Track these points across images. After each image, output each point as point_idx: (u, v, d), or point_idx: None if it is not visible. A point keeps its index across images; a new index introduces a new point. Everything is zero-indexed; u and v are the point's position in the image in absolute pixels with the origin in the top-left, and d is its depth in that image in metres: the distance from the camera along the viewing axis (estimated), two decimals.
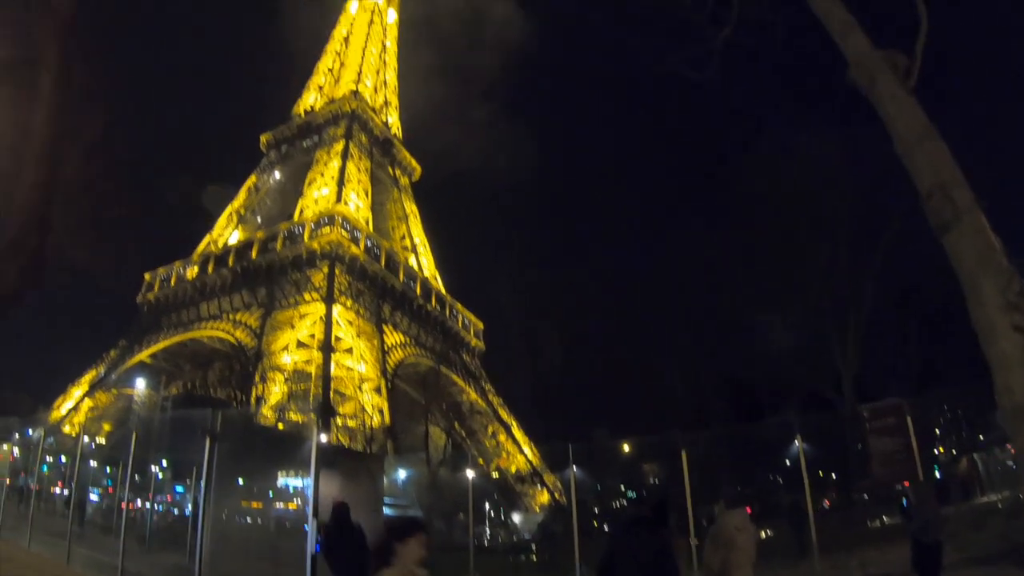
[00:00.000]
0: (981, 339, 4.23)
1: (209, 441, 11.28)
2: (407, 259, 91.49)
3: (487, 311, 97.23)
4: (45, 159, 7.46)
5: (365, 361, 73.70)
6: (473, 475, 27.18)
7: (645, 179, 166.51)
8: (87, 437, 42.43)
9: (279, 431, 56.13)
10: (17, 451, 26.06)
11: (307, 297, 75.05)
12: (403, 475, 40.29)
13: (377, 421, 66.25)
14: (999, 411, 4.27)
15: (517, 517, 67.64)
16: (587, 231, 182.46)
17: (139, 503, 26.87)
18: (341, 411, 67.96)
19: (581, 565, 14.05)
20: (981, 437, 28.05)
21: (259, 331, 73.47)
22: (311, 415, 58.33)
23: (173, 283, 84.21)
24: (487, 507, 57.25)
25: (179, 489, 40.36)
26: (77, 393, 76.28)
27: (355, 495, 12.01)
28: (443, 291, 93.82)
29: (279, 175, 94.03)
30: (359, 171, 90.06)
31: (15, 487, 23.89)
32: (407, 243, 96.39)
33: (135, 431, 21.11)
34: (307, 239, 77.52)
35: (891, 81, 5.01)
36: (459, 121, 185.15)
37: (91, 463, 35.60)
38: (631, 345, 53.55)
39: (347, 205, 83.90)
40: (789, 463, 29.74)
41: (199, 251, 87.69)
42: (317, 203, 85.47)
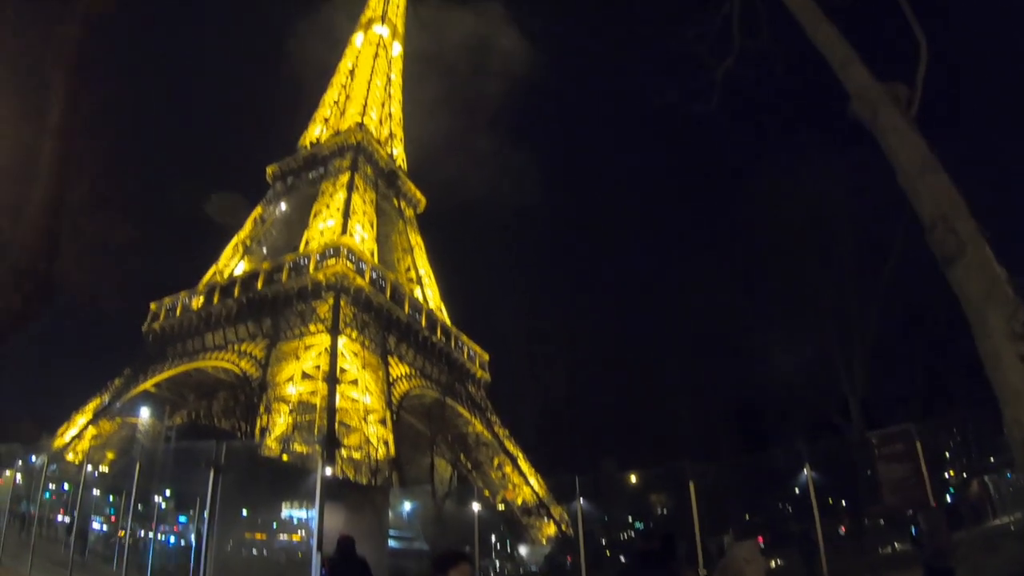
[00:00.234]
0: (988, 369, 4.22)
1: (213, 473, 11.27)
2: (412, 291, 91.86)
3: (492, 342, 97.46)
4: (53, 185, 7.48)
5: (370, 392, 73.47)
6: (479, 507, 26.88)
7: (650, 204, 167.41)
8: (90, 465, 42.09)
9: (283, 463, 55.61)
10: (20, 478, 25.89)
11: (312, 328, 75.13)
12: (408, 507, 39.87)
13: (382, 453, 65.74)
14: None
15: (524, 549, 66.81)
16: (592, 259, 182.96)
17: (141, 533, 26.59)
18: (346, 443, 67.58)
19: None
20: (992, 459, 27.67)
21: (264, 362, 73.35)
22: (316, 447, 57.89)
23: (179, 313, 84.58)
24: (493, 539, 56.52)
25: (182, 519, 39.96)
26: (81, 421, 76.07)
27: (360, 528, 11.94)
28: (448, 322, 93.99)
29: (285, 206, 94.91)
30: (364, 203, 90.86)
31: (17, 514, 23.68)
32: (412, 275, 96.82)
33: (139, 460, 20.95)
34: (312, 270, 77.87)
35: (893, 114, 5.07)
36: (464, 151, 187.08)
37: (94, 491, 35.27)
38: (637, 375, 53.45)
39: (352, 237, 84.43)
40: (798, 491, 29.41)
41: (204, 281, 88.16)
42: (322, 234, 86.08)
